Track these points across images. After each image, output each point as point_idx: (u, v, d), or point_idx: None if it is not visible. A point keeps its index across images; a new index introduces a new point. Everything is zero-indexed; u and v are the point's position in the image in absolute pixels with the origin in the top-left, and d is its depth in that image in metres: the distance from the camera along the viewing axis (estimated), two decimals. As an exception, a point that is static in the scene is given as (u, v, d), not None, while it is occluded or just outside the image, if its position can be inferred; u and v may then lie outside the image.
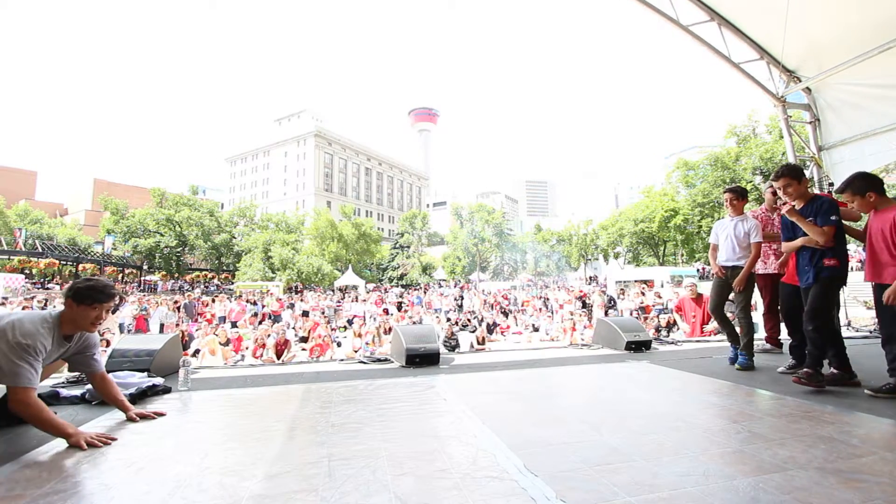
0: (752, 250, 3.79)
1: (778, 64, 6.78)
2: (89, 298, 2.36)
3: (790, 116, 7.17)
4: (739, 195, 3.99)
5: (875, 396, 2.80)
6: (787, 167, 3.29)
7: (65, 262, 34.01)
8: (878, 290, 2.87)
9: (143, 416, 2.60)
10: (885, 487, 1.55)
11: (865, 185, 2.94)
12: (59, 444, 2.16)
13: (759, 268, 4.43)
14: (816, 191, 7.14)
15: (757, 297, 4.78)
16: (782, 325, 4.44)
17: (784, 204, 3.29)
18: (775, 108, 7.26)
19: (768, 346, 4.67)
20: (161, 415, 2.66)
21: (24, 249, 32.83)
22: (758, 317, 5.11)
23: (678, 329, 9.24)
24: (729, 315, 4.14)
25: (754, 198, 32.10)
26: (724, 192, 4.10)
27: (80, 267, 35.30)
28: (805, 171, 7.16)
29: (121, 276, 38.49)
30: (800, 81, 6.81)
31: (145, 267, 39.84)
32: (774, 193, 4.44)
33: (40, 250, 33.40)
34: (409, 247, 51.54)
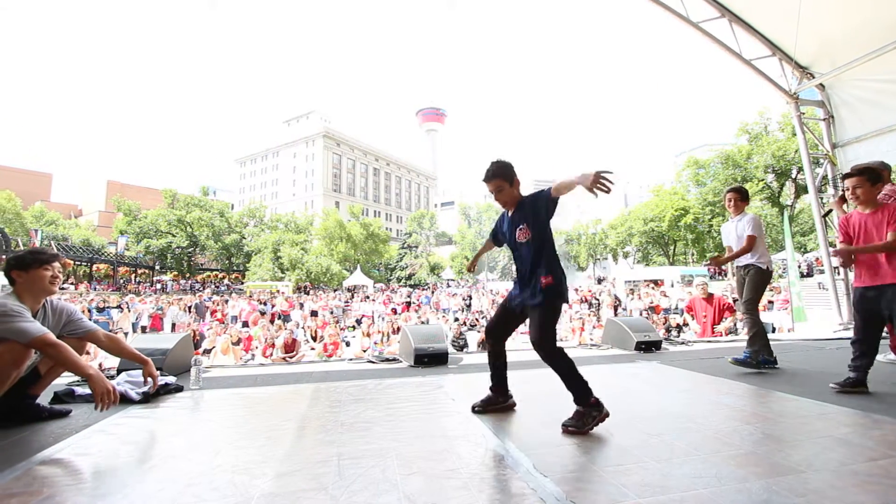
0: (744, 243, 3.72)
1: (790, 60, 6.68)
2: (36, 262, 2.40)
3: (803, 113, 7.06)
4: (742, 196, 3.91)
5: (841, 391, 2.86)
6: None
7: (79, 263, 34.60)
8: (870, 291, 2.83)
9: (154, 378, 2.77)
10: (903, 491, 1.52)
11: (878, 176, 2.89)
12: (73, 442, 2.20)
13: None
14: (831, 189, 7.03)
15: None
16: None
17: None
18: (788, 106, 7.15)
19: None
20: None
21: (35, 248, 33.36)
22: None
23: (689, 329, 9.15)
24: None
25: (766, 196, 31.70)
26: (727, 192, 3.99)
27: (95, 267, 35.91)
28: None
29: (133, 276, 39.07)
30: (813, 78, 6.71)
31: (157, 267, 40.37)
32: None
33: (56, 251, 33.92)
34: (417, 247, 51.62)
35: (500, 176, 2.41)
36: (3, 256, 26.04)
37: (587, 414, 2.20)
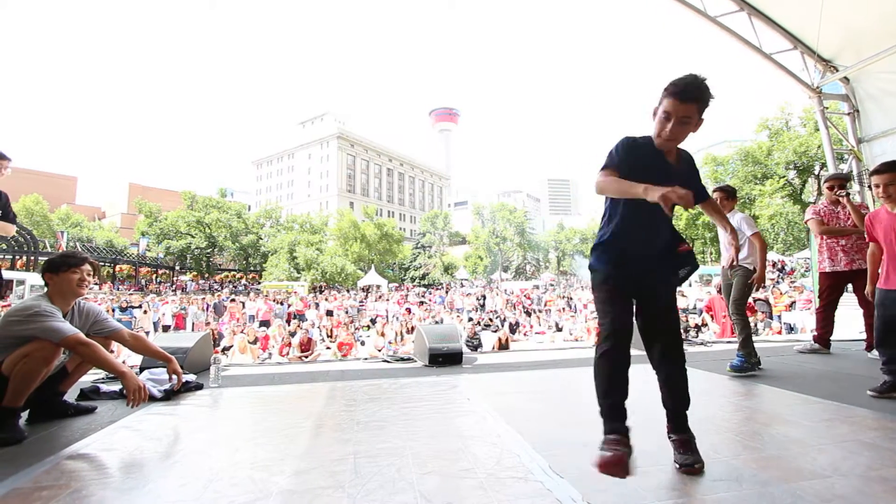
0: (755, 243, 3.59)
1: (813, 53, 6.50)
2: (65, 265, 2.50)
3: (827, 108, 6.87)
4: (729, 195, 3.84)
5: (879, 397, 2.72)
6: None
7: (103, 263, 35.54)
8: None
9: (179, 376, 2.92)
10: (935, 497, 1.47)
11: None
12: (99, 437, 2.26)
13: (827, 266, 4.29)
14: (856, 186, 6.81)
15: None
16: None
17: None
18: (810, 100, 6.96)
19: (817, 345, 4.44)
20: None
21: (66, 251, 34.42)
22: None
23: (707, 329, 8.98)
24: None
25: (787, 193, 30.86)
26: (713, 191, 3.83)
27: (118, 268, 36.86)
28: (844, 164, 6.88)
29: (155, 276, 39.99)
30: (837, 71, 6.51)
31: (177, 268, 41.26)
32: (831, 188, 4.31)
33: (85, 254, 34.93)
34: (430, 246, 51.70)
35: (705, 101, 1.66)
36: (34, 258, 26.91)
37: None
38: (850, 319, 7.11)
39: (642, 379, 1.99)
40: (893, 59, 5.70)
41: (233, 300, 16.69)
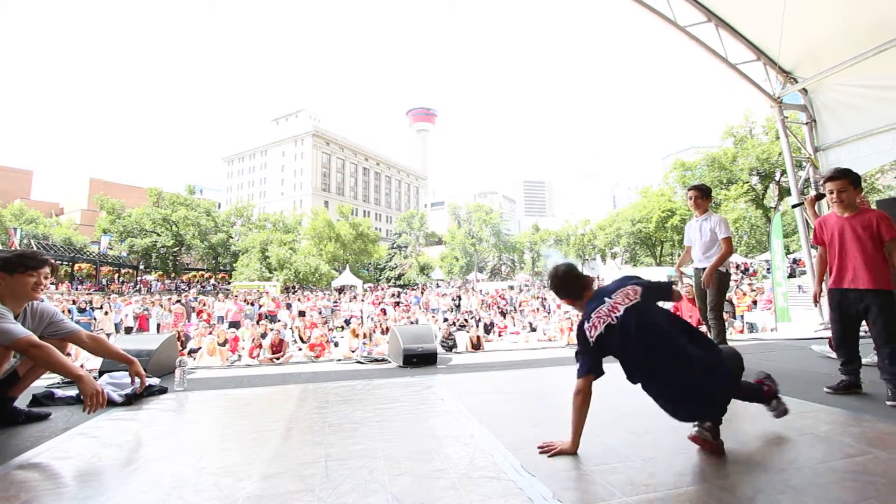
0: (722, 247, 3.64)
1: (774, 65, 6.80)
2: (21, 266, 2.35)
3: (787, 117, 7.19)
4: (704, 194, 3.85)
5: (834, 394, 2.89)
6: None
7: (60, 262, 33.79)
8: (851, 294, 2.86)
9: (142, 378, 2.72)
10: (880, 486, 1.56)
11: (860, 180, 2.91)
12: (53, 445, 2.15)
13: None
14: (812, 192, 7.16)
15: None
16: None
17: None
18: (772, 109, 7.27)
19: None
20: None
21: (19, 249, 32.62)
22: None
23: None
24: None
25: (751, 198, 32.22)
26: (688, 190, 3.93)
27: (76, 267, 35.15)
28: (802, 171, 7.22)
29: (117, 275, 38.34)
30: (796, 82, 6.83)
31: (142, 267, 39.66)
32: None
33: (45, 256, 33.19)
34: (406, 247, 51.47)
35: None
36: None
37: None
38: (808, 319, 7.49)
39: (611, 380, 2.03)
40: (847, 72, 6.02)
41: (205, 300, 16.16)
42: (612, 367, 1.97)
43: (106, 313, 13.68)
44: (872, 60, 5.56)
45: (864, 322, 2.91)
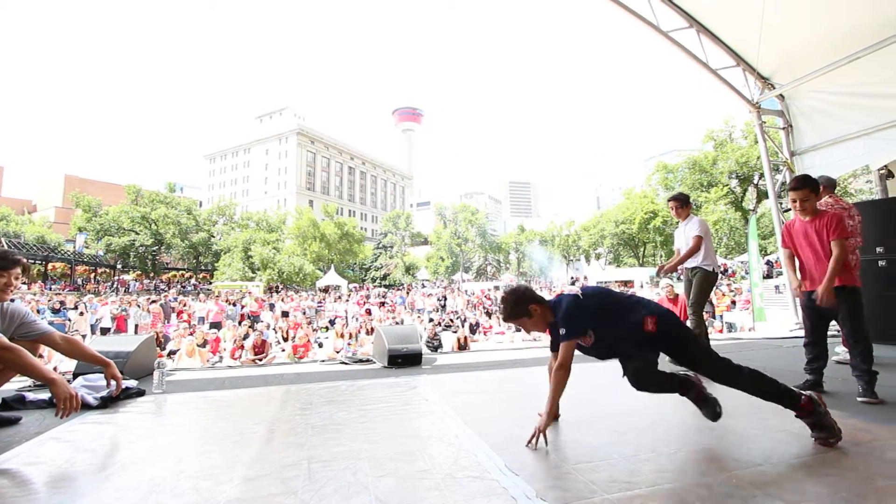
0: (691, 243, 3.85)
1: (753, 71, 6.97)
2: None
3: (764, 122, 7.38)
4: (682, 202, 4.05)
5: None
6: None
7: (33, 261, 32.72)
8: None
9: (118, 381, 2.63)
10: (852, 481, 1.61)
11: (818, 186, 3.01)
12: (24, 450, 2.08)
13: None
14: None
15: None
16: None
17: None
18: (751, 114, 7.46)
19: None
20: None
21: (-9, 248, 31.44)
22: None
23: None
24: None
25: (730, 201, 32.97)
26: (668, 201, 4.17)
27: (50, 266, 34.08)
28: (779, 175, 7.42)
29: (93, 275, 37.30)
30: (773, 88, 7.02)
31: (119, 266, 38.65)
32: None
33: (17, 256, 32.09)
34: (392, 247, 51.26)
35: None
36: None
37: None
38: (784, 319, 7.69)
39: (593, 379, 2.05)
40: (821, 80, 6.22)
41: (186, 300, 15.83)
42: (594, 367, 1.99)
43: (81, 314, 13.27)
44: (846, 68, 5.75)
45: (834, 322, 3.01)
